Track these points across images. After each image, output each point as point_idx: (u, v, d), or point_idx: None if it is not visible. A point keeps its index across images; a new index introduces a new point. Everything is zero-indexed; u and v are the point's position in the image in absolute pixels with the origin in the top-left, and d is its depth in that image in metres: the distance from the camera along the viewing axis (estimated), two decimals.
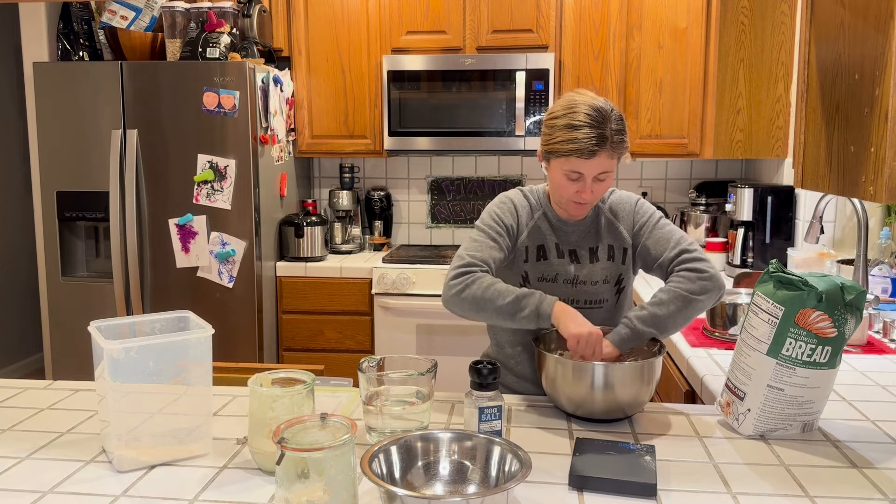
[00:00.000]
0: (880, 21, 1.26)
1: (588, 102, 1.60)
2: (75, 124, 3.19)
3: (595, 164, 1.58)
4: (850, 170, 1.37)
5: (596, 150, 1.56)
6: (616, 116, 1.60)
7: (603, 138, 1.56)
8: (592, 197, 1.65)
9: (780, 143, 3.13)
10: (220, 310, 3.18)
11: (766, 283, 1.42)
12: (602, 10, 3.36)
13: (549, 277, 1.72)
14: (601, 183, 1.64)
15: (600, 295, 1.74)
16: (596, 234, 1.75)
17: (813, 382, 1.38)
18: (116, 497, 1.18)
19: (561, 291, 1.71)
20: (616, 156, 1.61)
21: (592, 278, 1.73)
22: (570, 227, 1.75)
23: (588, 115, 1.57)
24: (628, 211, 1.79)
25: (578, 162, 1.58)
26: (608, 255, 1.75)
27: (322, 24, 3.52)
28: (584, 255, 1.74)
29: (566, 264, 1.73)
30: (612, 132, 1.58)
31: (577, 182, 1.62)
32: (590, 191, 1.62)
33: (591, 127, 1.56)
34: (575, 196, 1.64)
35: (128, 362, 1.25)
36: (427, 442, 1.21)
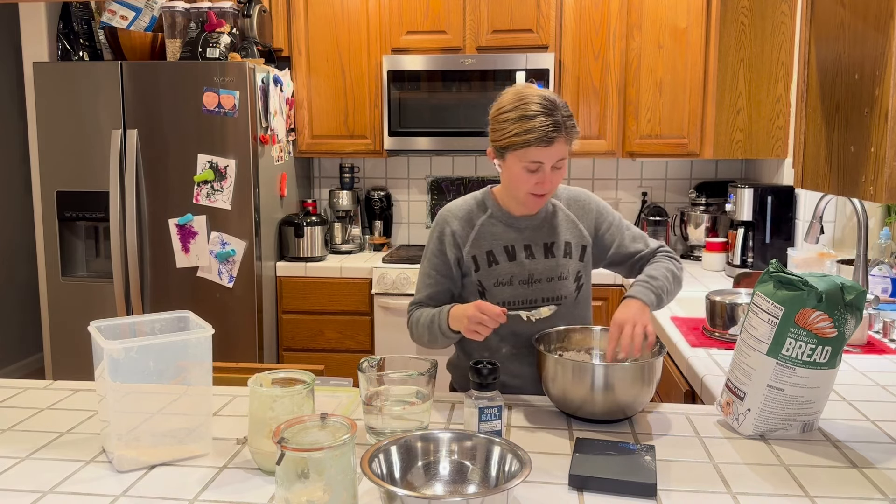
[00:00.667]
0: (880, 21, 1.26)
1: (536, 93, 1.62)
2: (75, 124, 3.19)
3: (553, 151, 1.59)
4: (850, 170, 1.37)
5: (554, 137, 1.58)
6: (563, 104, 1.62)
7: (558, 125, 1.58)
8: (551, 186, 1.65)
9: (780, 143, 3.13)
10: (220, 310, 3.18)
11: (766, 283, 1.42)
12: (602, 10, 3.36)
13: (504, 281, 1.72)
14: (558, 171, 1.64)
15: (558, 292, 1.74)
16: (551, 230, 1.76)
17: (813, 382, 1.38)
18: (116, 497, 1.18)
19: (519, 293, 1.72)
20: (570, 142, 1.63)
21: (549, 275, 1.73)
22: (522, 223, 1.75)
23: (540, 104, 1.59)
24: (590, 209, 1.81)
25: (537, 151, 1.59)
26: (565, 251, 1.75)
27: (322, 24, 3.52)
28: (538, 250, 1.74)
29: (519, 264, 1.72)
30: (563, 118, 1.59)
31: (537, 173, 1.62)
32: (549, 180, 1.63)
33: (545, 115, 1.58)
34: (535, 188, 1.64)
35: (128, 362, 1.25)
36: (427, 442, 1.21)
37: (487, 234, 1.74)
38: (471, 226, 1.75)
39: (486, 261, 1.73)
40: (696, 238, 3.54)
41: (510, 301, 1.72)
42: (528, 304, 1.72)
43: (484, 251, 1.73)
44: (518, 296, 1.72)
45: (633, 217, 3.80)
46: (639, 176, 3.80)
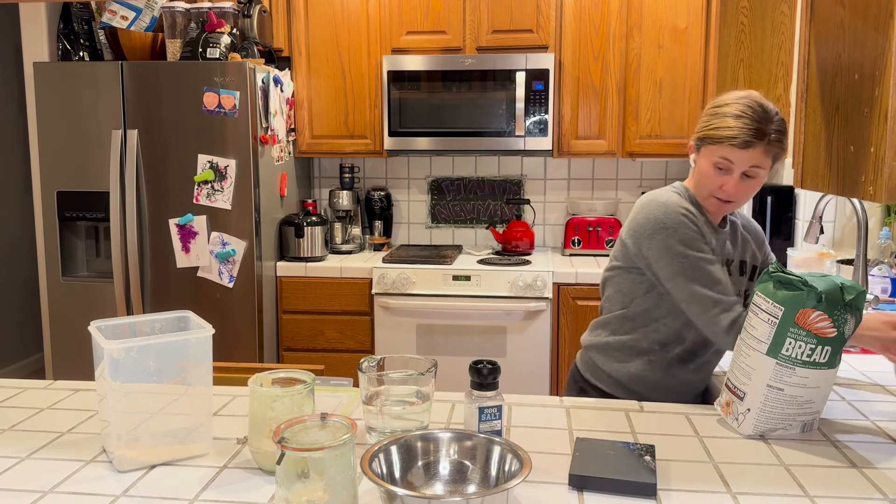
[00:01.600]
0: (880, 21, 1.26)
1: (758, 99, 1.60)
2: (75, 124, 3.19)
3: (747, 155, 1.56)
4: (849, 170, 1.37)
5: (751, 142, 1.55)
6: (779, 119, 1.60)
7: (761, 133, 1.56)
8: (736, 194, 1.60)
9: None
10: (220, 310, 3.18)
11: (766, 282, 1.42)
12: (602, 10, 3.36)
13: None
14: (748, 181, 1.60)
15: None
16: (736, 247, 1.73)
17: (813, 382, 1.38)
18: (116, 497, 1.18)
19: None
20: (770, 155, 1.59)
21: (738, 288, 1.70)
22: (721, 235, 1.70)
23: (751, 107, 1.57)
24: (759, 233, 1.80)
25: (731, 150, 1.56)
26: (741, 269, 1.73)
27: (322, 25, 3.52)
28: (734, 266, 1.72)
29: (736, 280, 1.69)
30: (772, 130, 1.57)
31: (724, 174, 1.59)
32: (735, 186, 1.58)
33: (752, 119, 1.56)
34: (718, 191, 1.60)
35: (128, 362, 1.25)
36: (427, 442, 1.21)
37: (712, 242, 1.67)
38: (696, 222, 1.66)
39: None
40: None
41: None
42: None
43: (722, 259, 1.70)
44: None
45: None
46: (639, 176, 3.80)
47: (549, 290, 3.21)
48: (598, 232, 3.58)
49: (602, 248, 3.58)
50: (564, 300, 3.23)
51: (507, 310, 3.21)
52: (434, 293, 3.26)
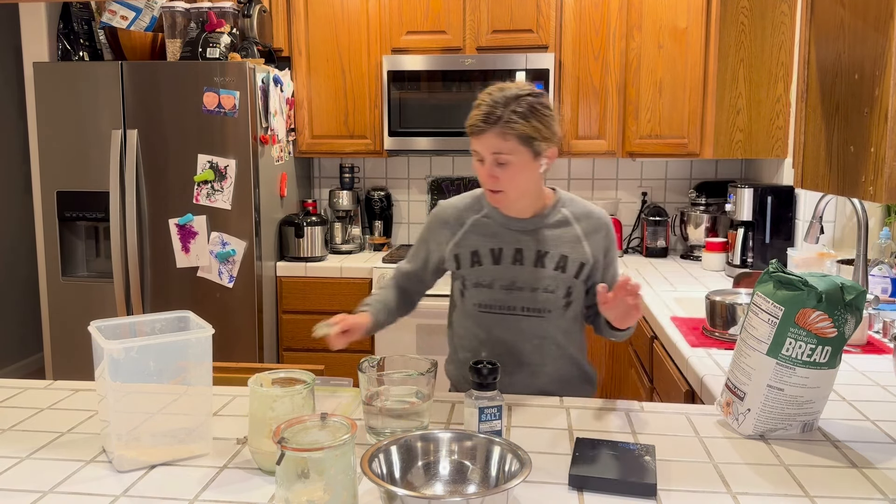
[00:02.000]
0: (880, 21, 1.26)
1: (503, 86, 1.60)
2: (75, 124, 3.19)
3: (485, 142, 1.57)
4: (849, 170, 1.37)
5: (482, 128, 1.56)
6: (527, 102, 1.56)
7: (491, 117, 1.55)
8: (495, 182, 1.60)
9: (780, 143, 3.13)
10: (220, 310, 3.18)
11: (766, 283, 1.42)
12: (602, 10, 3.36)
13: (485, 283, 1.70)
14: (503, 168, 1.59)
15: (540, 304, 1.69)
16: (549, 240, 1.70)
17: (813, 382, 1.38)
18: (116, 497, 1.18)
19: (498, 298, 1.70)
20: (511, 138, 1.55)
21: (533, 285, 1.68)
22: (516, 225, 1.70)
23: (490, 94, 1.58)
24: (600, 229, 1.74)
25: (472, 140, 1.60)
26: (557, 264, 1.69)
27: (322, 24, 3.52)
28: (529, 257, 1.69)
29: (503, 269, 1.69)
30: (509, 112, 1.55)
31: (482, 165, 1.61)
32: (490, 174, 1.59)
33: (487, 105, 1.57)
34: (485, 182, 1.63)
35: (128, 362, 1.25)
36: (427, 442, 1.21)
37: (477, 234, 1.72)
38: (460, 224, 1.74)
39: (469, 260, 1.71)
40: (695, 238, 3.54)
41: (487, 304, 1.71)
42: (508, 310, 1.69)
43: (469, 251, 1.71)
44: (497, 300, 1.70)
45: (634, 217, 3.81)
46: (639, 176, 3.80)
47: None
48: None
49: None
50: None
51: None
52: (434, 293, 3.23)
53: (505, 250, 1.70)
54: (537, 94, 1.60)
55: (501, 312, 1.70)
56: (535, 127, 1.57)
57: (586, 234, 1.72)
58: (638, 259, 3.58)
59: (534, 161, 1.61)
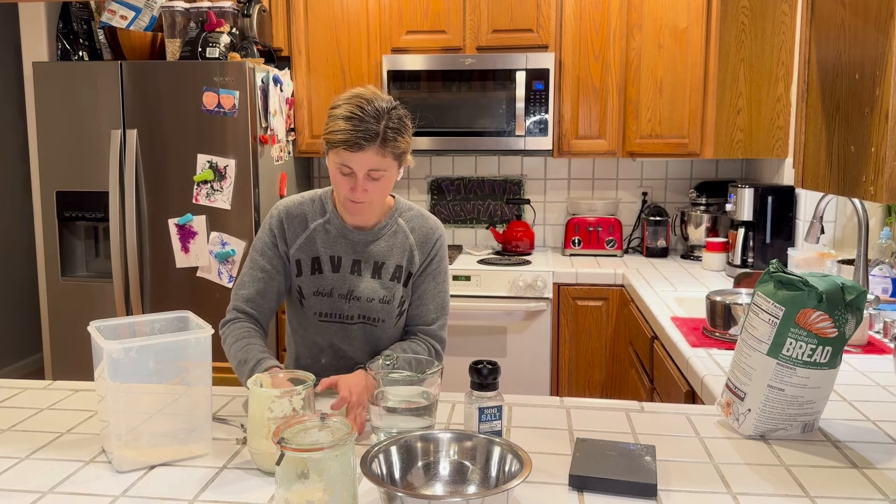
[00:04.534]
0: (881, 21, 1.26)
1: (368, 97, 1.56)
2: (75, 124, 3.18)
3: (363, 158, 1.52)
4: (850, 170, 1.37)
5: (362, 145, 1.51)
6: (397, 116, 1.56)
7: (372, 134, 1.51)
8: (366, 195, 1.57)
9: (780, 143, 3.13)
10: (219, 310, 3.15)
11: (767, 283, 1.41)
12: (602, 9, 3.36)
13: (325, 292, 1.68)
14: (375, 182, 1.56)
15: (376, 314, 1.69)
16: (385, 250, 1.69)
17: (813, 382, 1.38)
18: (116, 497, 1.18)
19: (336, 307, 1.69)
20: (389, 154, 1.54)
21: (370, 295, 1.68)
22: (356, 236, 1.68)
23: (361, 107, 1.53)
24: (430, 240, 1.73)
25: (347, 155, 1.53)
26: (393, 274, 1.69)
27: (322, 24, 3.52)
28: (367, 267, 1.68)
29: (342, 277, 1.67)
30: (385, 128, 1.53)
31: (349, 178, 1.56)
32: (362, 189, 1.55)
33: (360, 120, 1.51)
34: (349, 194, 1.57)
35: (127, 362, 1.24)
36: (427, 442, 1.21)
37: (318, 240, 1.69)
38: (304, 227, 1.70)
39: (311, 267, 1.68)
40: (696, 238, 3.54)
41: (325, 313, 1.70)
42: (346, 319, 1.69)
43: (310, 257, 1.68)
44: (335, 309, 1.69)
45: (634, 217, 3.80)
46: (639, 176, 3.80)
47: (549, 291, 3.20)
48: (599, 232, 3.58)
49: (602, 248, 3.58)
50: (565, 300, 3.22)
51: (507, 310, 3.20)
52: None
53: (344, 259, 1.68)
54: (399, 104, 1.61)
55: (340, 321, 1.70)
56: (407, 142, 1.59)
57: (418, 244, 1.71)
58: (638, 259, 3.58)
59: (397, 172, 1.61)
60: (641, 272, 3.22)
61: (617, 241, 3.58)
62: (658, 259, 3.58)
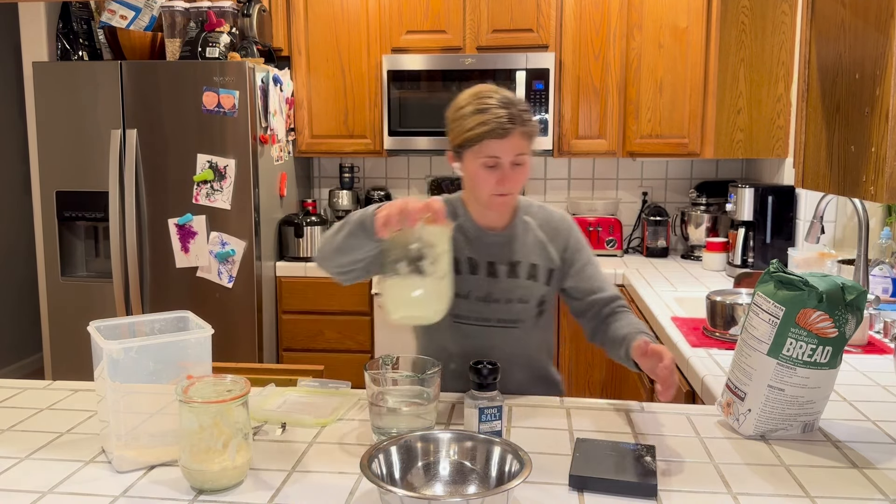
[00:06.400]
0: (881, 21, 1.26)
1: (492, 89, 1.59)
2: (75, 124, 3.18)
3: (509, 145, 1.55)
4: (850, 170, 1.37)
5: (509, 129, 1.53)
6: (521, 100, 1.60)
7: (513, 117, 1.54)
8: (512, 185, 1.58)
9: (780, 143, 3.13)
10: (219, 310, 3.17)
11: (767, 283, 1.41)
12: (602, 9, 3.36)
13: (462, 293, 1.64)
14: (519, 169, 1.58)
15: (515, 314, 1.67)
16: (518, 249, 1.68)
17: (813, 382, 1.38)
18: (116, 497, 1.18)
19: (473, 309, 1.66)
20: (528, 137, 1.58)
21: (508, 296, 1.66)
22: (489, 238, 1.67)
23: (493, 98, 1.56)
24: (561, 232, 1.72)
25: (492, 144, 1.54)
26: (529, 273, 1.67)
27: (322, 24, 3.52)
28: (502, 269, 1.66)
29: (480, 280, 1.65)
30: (520, 111, 1.56)
31: (495, 170, 1.57)
32: (510, 177, 1.57)
33: (499, 108, 1.54)
34: (496, 188, 1.58)
35: (127, 362, 1.24)
36: (427, 442, 1.21)
37: (459, 241, 1.65)
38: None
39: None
40: (696, 238, 3.54)
41: (464, 316, 1.67)
42: (484, 321, 1.67)
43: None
44: (473, 312, 1.67)
45: (634, 217, 3.80)
46: (639, 176, 3.80)
47: None
48: (599, 232, 3.58)
49: (602, 247, 3.58)
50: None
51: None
52: None
53: (479, 261, 1.67)
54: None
55: (476, 324, 1.68)
56: (537, 127, 1.62)
57: (550, 239, 1.71)
58: (638, 259, 3.58)
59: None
60: (641, 272, 3.22)
61: (617, 241, 3.58)
62: (658, 259, 3.58)
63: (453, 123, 1.63)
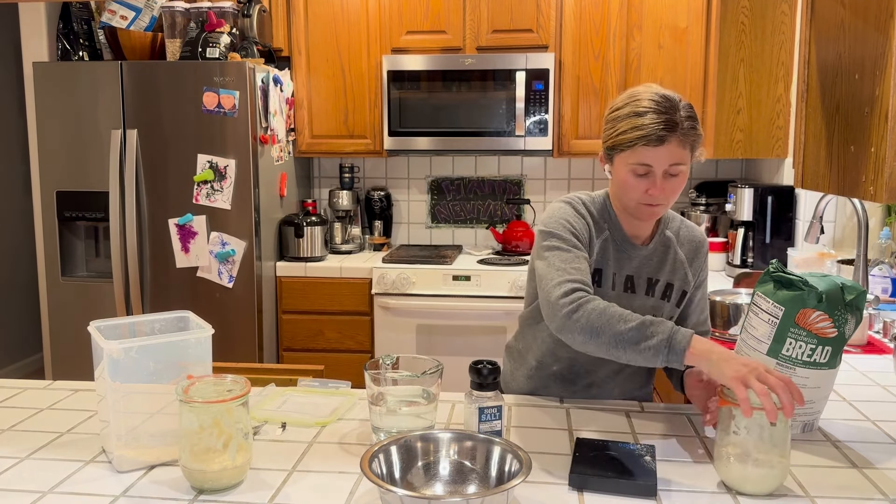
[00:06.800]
0: (880, 21, 1.26)
1: (653, 90, 1.47)
2: (75, 124, 3.19)
3: (664, 153, 1.42)
4: (850, 170, 1.37)
5: (664, 136, 1.41)
6: (686, 104, 1.46)
7: (672, 123, 1.42)
8: (664, 195, 1.46)
9: (780, 143, 3.13)
10: (219, 310, 3.17)
11: (767, 283, 1.41)
12: (602, 9, 3.36)
13: None
14: (674, 179, 1.46)
15: None
16: (658, 266, 1.59)
17: (813, 382, 1.38)
18: (116, 497, 1.18)
19: None
20: (688, 146, 1.45)
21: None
22: (633, 251, 1.58)
23: (653, 100, 1.43)
24: (701, 255, 1.64)
25: (645, 151, 1.42)
26: (664, 293, 1.59)
27: (322, 24, 3.52)
28: (640, 284, 1.58)
29: (618, 295, 1.56)
30: (682, 118, 1.43)
31: (646, 178, 1.45)
32: (661, 188, 1.44)
33: (657, 112, 1.42)
34: (644, 196, 1.46)
35: (127, 362, 1.24)
36: (427, 442, 1.21)
37: (602, 251, 1.57)
38: (599, 232, 1.57)
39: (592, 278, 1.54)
40: None
41: None
42: None
43: (595, 268, 1.55)
44: None
45: None
46: None
47: None
48: None
49: None
50: None
51: (507, 310, 3.20)
52: (434, 293, 3.26)
53: (618, 275, 1.57)
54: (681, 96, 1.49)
55: None
56: (702, 133, 1.48)
57: (689, 260, 1.61)
58: None
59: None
60: None
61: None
62: None
63: (607, 124, 1.51)
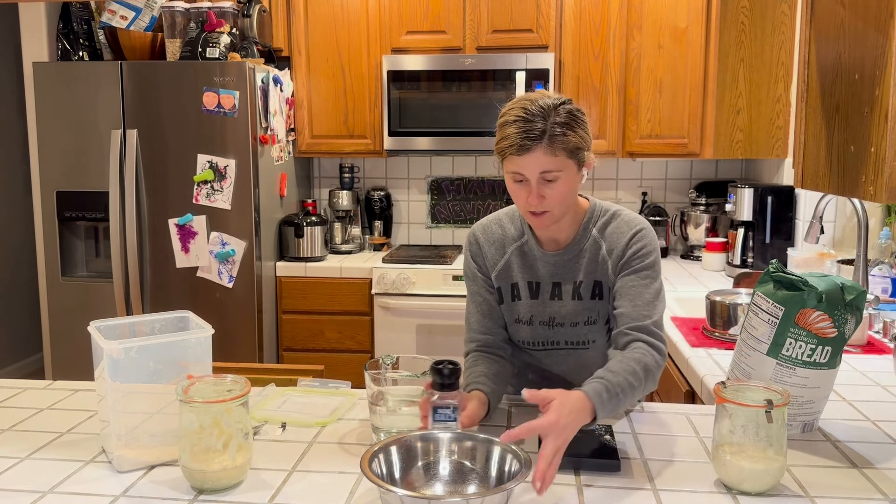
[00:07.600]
0: (880, 21, 1.26)
1: (531, 97, 1.44)
2: (75, 124, 3.19)
3: (530, 161, 1.40)
4: (850, 170, 1.37)
5: (527, 145, 1.39)
6: (565, 111, 1.42)
7: (537, 132, 1.39)
8: (543, 203, 1.44)
9: (780, 143, 3.13)
10: (220, 310, 3.17)
11: (766, 283, 1.42)
12: (602, 10, 3.36)
13: (524, 320, 1.57)
14: (551, 186, 1.42)
15: (583, 336, 1.57)
16: (582, 268, 1.55)
17: (813, 382, 1.38)
18: (116, 497, 1.18)
19: (539, 335, 1.58)
20: (560, 152, 1.40)
21: (573, 319, 1.55)
22: (551, 258, 1.56)
23: (523, 108, 1.41)
24: (621, 241, 1.54)
25: (514, 160, 1.41)
26: (593, 293, 1.55)
27: (322, 24, 3.52)
28: (567, 289, 1.56)
29: (542, 304, 1.56)
30: (552, 125, 1.39)
31: (524, 185, 1.44)
32: (537, 195, 1.42)
33: (523, 121, 1.40)
34: (525, 205, 1.46)
35: (127, 362, 1.24)
36: (427, 442, 1.21)
37: (516, 265, 1.57)
38: (501, 253, 1.59)
39: (510, 294, 1.57)
40: (696, 238, 3.54)
41: (530, 342, 1.59)
42: (551, 345, 1.58)
43: (509, 283, 1.57)
44: (538, 337, 1.58)
45: None
46: (639, 176, 3.80)
47: None
48: None
49: None
50: None
51: None
52: (434, 293, 3.26)
53: (542, 284, 1.56)
54: (569, 100, 1.47)
55: (546, 348, 1.60)
56: (581, 136, 1.44)
57: (610, 251, 1.55)
58: None
59: (578, 174, 1.46)
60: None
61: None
62: None
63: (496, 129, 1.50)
